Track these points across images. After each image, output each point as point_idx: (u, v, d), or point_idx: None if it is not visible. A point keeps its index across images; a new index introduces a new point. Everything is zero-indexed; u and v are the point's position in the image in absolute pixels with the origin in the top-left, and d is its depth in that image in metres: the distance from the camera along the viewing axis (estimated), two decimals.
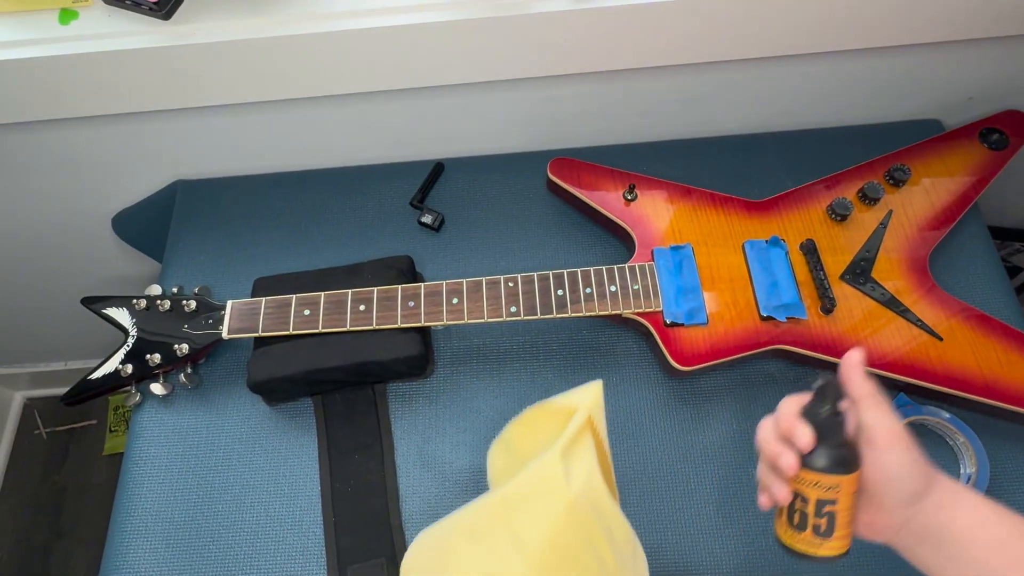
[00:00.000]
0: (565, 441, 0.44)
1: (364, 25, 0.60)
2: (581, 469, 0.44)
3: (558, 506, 0.43)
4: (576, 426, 0.45)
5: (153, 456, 0.64)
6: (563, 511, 0.43)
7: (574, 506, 0.43)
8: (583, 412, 0.46)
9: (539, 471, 0.44)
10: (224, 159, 0.78)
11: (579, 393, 0.48)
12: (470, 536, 0.47)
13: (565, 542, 0.43)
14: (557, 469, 0.43)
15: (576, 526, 0.43)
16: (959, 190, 0.70)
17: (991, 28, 0.67)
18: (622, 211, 0.69)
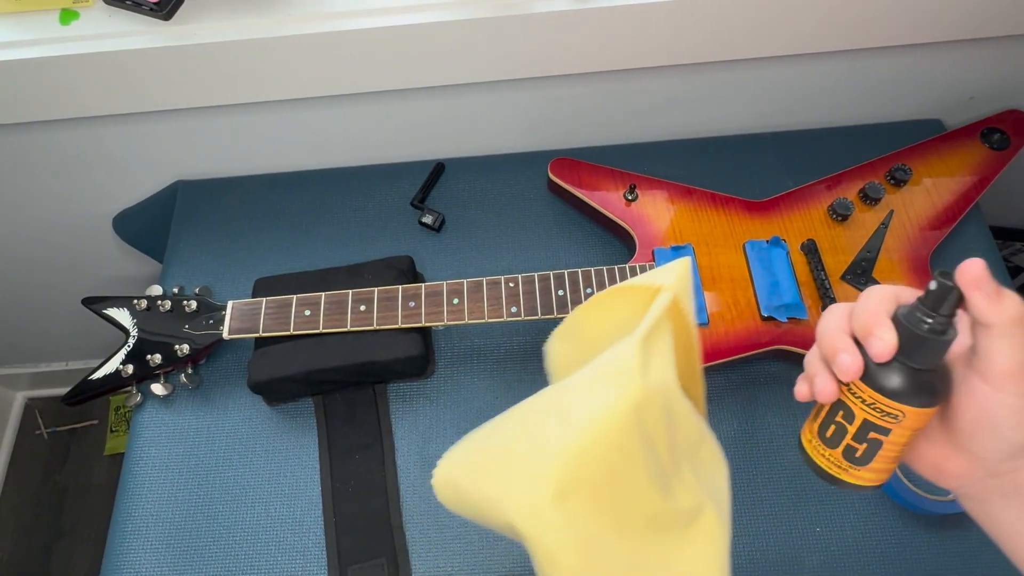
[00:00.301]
0: (647, 328, 0.38)
1: (365, 25, 0.60)
2: (659, 365, 0.38)
3: (625, 400, 0.36)
4: (661, 309, 0.38)
5: (154, 456, 0.64)
6: (629, 407, 0.36)
7: (642, 404, 0.37)
8: (668, 293, 0.39)
9: (613, 359, 0.38)
10: (225, 159, 0.78)
11: (664, 271, 0.41)
12: (520, 421, 0.41)
13: (620, 440, 0.37)
14: (634, 359, 0.37)
15: (638, 425, 0.37)
16: (960, 190, 0.70)
17: (992, 28, 0.67)
18: (623, 211, 0.69)
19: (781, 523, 0.60)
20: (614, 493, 0.38)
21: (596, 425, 0.37)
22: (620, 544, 0.38)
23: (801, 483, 0.61)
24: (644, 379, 0.37)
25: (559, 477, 0.36)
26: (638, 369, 0.37)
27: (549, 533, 0.36)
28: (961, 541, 0.59)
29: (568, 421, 0.37)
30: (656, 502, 0.39)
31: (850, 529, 0.59)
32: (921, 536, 0.59)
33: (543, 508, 0.36)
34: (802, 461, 0.38)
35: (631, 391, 0.37)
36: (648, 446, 0.38)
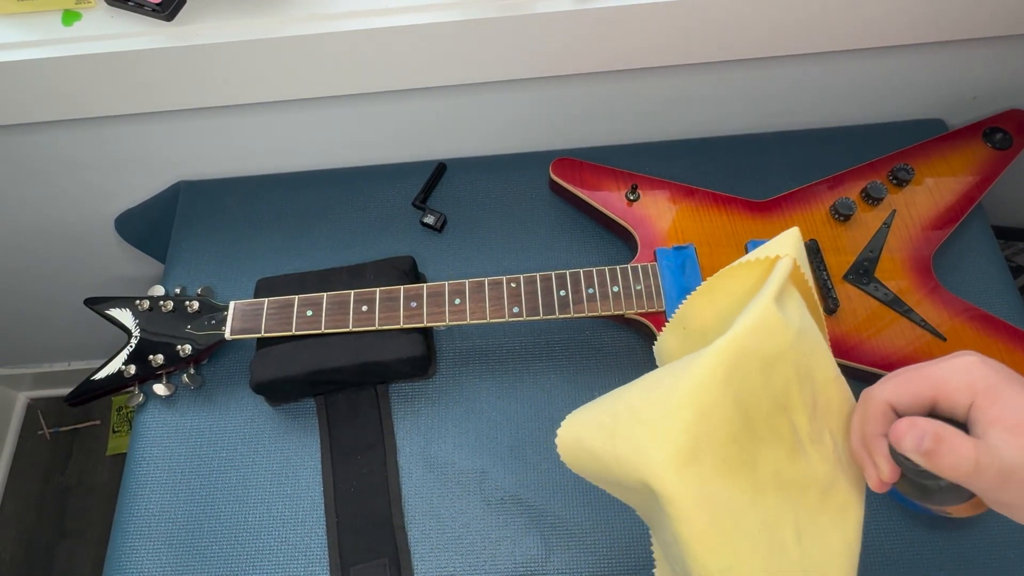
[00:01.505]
0: (774, 288, 0.37)
1: (367, 26, 0.60)
2: (791, 323, 0.37)
3: (775, 348, 0.36)
4: (784, 272, 0.37)
5: (156, 456, 0.64)
6: (779, 355, 0.35)
7: (780, 359, 0.36)
8: (788, 259, 0.38)
9: (751, 317, 0.37)
10: (227, 160, 0.79)
11: (778, 242, 0.40)
12: (645, 386, 0.40)
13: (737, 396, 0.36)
14: (772, 313, 0.36)
15: (773, 379, 0.36)
16: (963, 190, 0.70)
17: (995, 27, 0.67)
18: (624, 211, 0.69)
19: None
20: (743, 451, 0.37)
21: (712, 381, 0.36)
22: (753, 503, 0.37)
23: None
24: (787, 327, 0.35)
25: (687, 436, 0.36)
26: (780, 318, 0.35)
27: (683, 493, 0.36)
28: (966, 542, 0.59)
29: (692, 376, 0.37)
30: (786, 463, 0.38)
31: None
32: (925, 537, 0.59)
33: (676, 468, 0.36)
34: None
35: (779, 338, 0.35)
36: (777, 405, 0.37)
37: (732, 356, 0.37)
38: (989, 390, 0.32)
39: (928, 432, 0.31)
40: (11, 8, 0.61)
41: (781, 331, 0.36)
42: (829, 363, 0.38)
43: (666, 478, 0.36)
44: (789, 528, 0.37)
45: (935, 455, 0.31)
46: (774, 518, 0.37)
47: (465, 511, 0.61)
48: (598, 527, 0.60)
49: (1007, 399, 0.32)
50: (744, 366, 0.37)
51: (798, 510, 0.38)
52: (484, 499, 0.61)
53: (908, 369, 0.35)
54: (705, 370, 0.37)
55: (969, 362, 0.33)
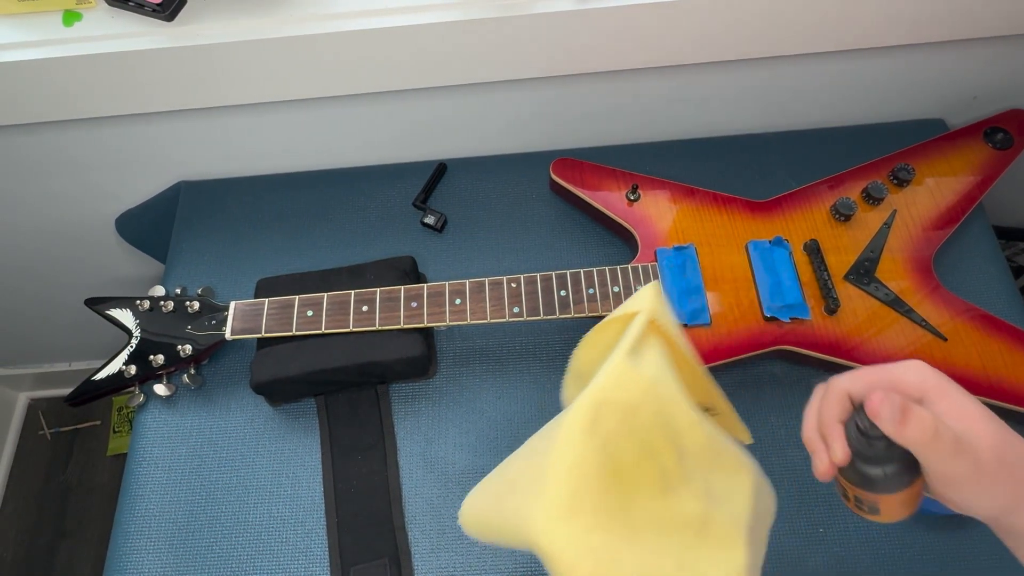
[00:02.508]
0: (628, 343, 0.40)
1: (367, 26, 0.60)
2: (647, 375, 0.40)
3: (632, 399, 0.39)
4: (638, 328, 0.41)
5: (156, 457, 0.64)
6: (620, 409, 0.38)
7: (635, 407, 0.39)
8: (644, 315, 0.41)
9: (604, 374, 0.40)
10: (227, 160, 0.79)
11: (636, 298, 0.43)
12: (529, 449, 0.44)
13: (606, 446, 0.39)
14: (624, 367, 0.39)
15: (634, 427, 0.39)
16: (963, 190, 0.70)
17: (995, 27, 0.67)
18: (625, 211, 0.69)
19: (784, 524, 0.60)
20: (616, 498, 0.40)
21: (577, 436, 0.39)
22: (631, 546, 0.39)
23: (804, 484, 0.61)
24: (638, 378, 0.39)
25: (562, 494, 0.39)
26: (630, 370, 0.39)
27: (566, 548, 0.38)
28: (964, 542, 0.59)
29: (559, 438, 0.40)
30: (659, 504, 0.40)
31: (853, 530, 0.59)
32: (924, 537, 0.59)
33: (555, 525, 0.38)
34: None
35: (630, 389, 0.39)
36: (644, 451, 0.40)
37: (592, 412, 0.40)
38: (938, 388, 0.37)
39: (898, 402, 0.35)
40: (12, 8, 0.61)
41: (635, 382, 0.40)
42: (688, 409, 0.41)
43: (547, 536, 0.38)
44: (671, 564, 0.39)
45: (904, 422, 0.34)
46: (654, 557, 0.39)
47: None
48: None
49: (952, 397, 0.36)
50: (605, 419, 0.40)
51: (677, 546, 0.40)
52: None
53: (866, 368, 0.39)
54: (570, 429, 0.40)
55: (921, 365, 0.38)
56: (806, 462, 0.62)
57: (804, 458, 0.62)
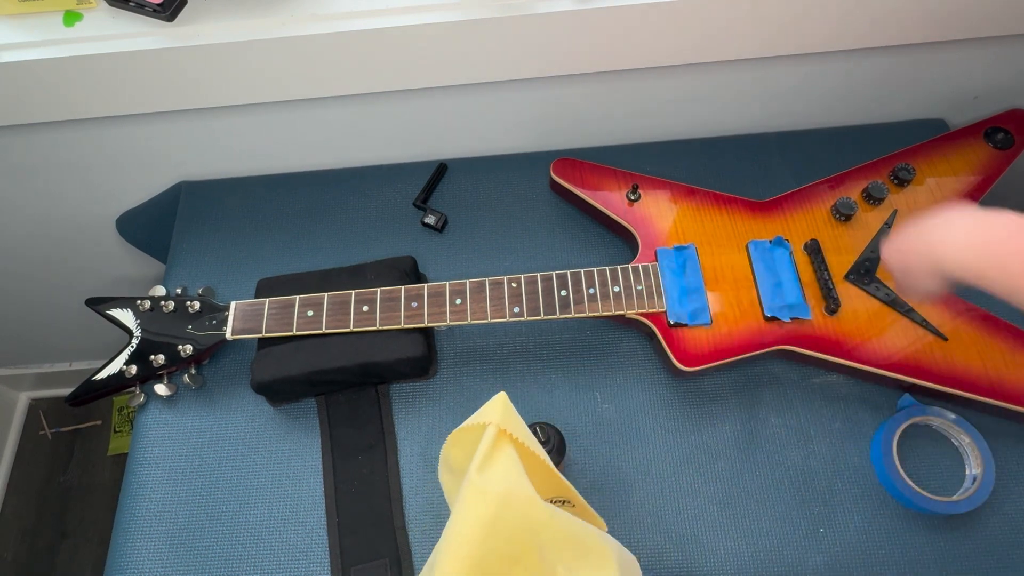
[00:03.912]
0: (479, 460, 0.44)
1: (368, 26, 0.60)
2: (500, 475, 0.43)
3: (488, 514, 0.42)
4: (488, 441, 0.44)
5: (157, 456, 0.64)
6: (481, 528, 0.42)
7: (493, 522, 0.42)
8: (492, 428, 0.45)
9: (461, 498, 0.44)
10: (228, 160, 0.79)
11: (486, 410, 0.47)
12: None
13: (488, 559, 0.42)
14: (473, 488, 0.42)
15: (497, 540, 0.42)
16: (964, 190, 0.70)
17: (996, 27, 0.67)
18: (625, 211, 0.69)
19: (784, 524, 0.60)
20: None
21: (449, 563, 0.42)
22: None
23: (804, 484, 0.61)
24: (484, 499, 0.42)
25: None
26: (478, 493, 0.42)
27: None
28: (965, 542, 0.59)
29: (436, 567, 0.42)
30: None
31: (853, 530, 0.59)
32: (925, 537, 0.59)
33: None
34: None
35: (479, 511, 0.42)
36: (511, 559, 0.42)
37: (460, 536, 0.42)
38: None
39: None
40: (13, 9, 0.61)
41: (484, 498, 0.42)
42: (542, 506, 0.43)
43: None
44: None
45: None
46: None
47: None
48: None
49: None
50: (472, 540, 0.42)
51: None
52: None
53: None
54: (444, 557, 0.42)
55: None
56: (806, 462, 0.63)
57: (804, 457, 0.63)
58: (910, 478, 0.59)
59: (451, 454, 0.51)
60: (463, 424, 0.48)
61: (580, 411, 0.64)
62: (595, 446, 0.63)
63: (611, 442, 0.63)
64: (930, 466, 0.61)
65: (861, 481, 0.61)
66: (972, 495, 0.58)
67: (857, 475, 0.61)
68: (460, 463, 0.49)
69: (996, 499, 0.59)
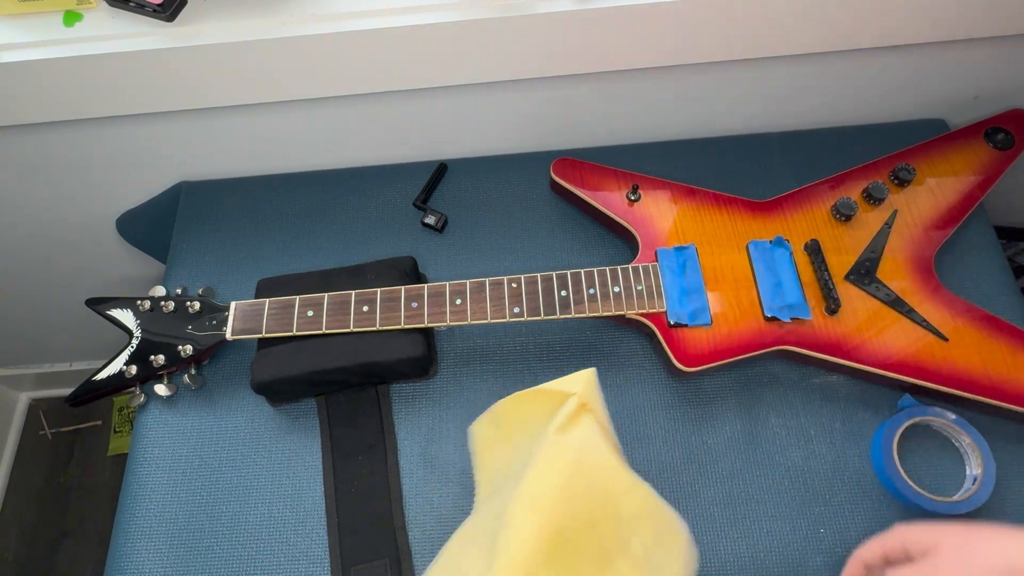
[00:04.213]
0: (559, 423, 0.43)
1: (368, 26, 0.60)
2: (578, 442, 0.42)
3: (556, 480, 0.41)
4: (569, 410, 0.43)
5: (157, 457, 0.64)
6: (560, 484, 0.41)
7: (570, 481, 0.41)
8: (576, 399, 0.44)
9: (543, 453, 0.42)
10: (228, 160, 0.79)
11: (572, 380, 0.46)
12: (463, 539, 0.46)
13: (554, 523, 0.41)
14: (554, 446, 0.41)
15: (572, 500, 0.41)
16: (964, 190, 0.70)
17: (997, 27, 0.67)
18: (625, 212, 0.69)
19: (785, 524, 0.60)
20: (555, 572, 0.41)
21: (520, 516, 0.41)
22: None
23: (805, 484, 0.61)
24: (561, 460, 0.41)
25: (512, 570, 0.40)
26: (559, 451, 0.41)
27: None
28: None
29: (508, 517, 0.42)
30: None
31: (854, 530, 0.59)
32: None
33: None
34: None
35: (558, 470, 0.41)
36: (584, 522, 0.42)
37: (541, 491, 0.42)
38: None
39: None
40: (13, 9, 0.61)
41: (564, 455, 0.42)
42: (623, 474, 0.43)
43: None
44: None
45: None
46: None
47: (466, 511, 0.61)
48: None
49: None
50: (550, 494, 0.42)
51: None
52: None
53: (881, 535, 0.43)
54: (515, 510, 0.42)
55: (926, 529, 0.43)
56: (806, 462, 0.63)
57: (804, 458, 0.62)
58: (910, 478, 0.59)
59: (511, 412, 0.49)
60: (540, 386, 0.47)
61: None
62: None
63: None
64: (930, 466, 0.61)
65: (861, 481, 0.61)
66: (973, 495, 0.58)
67: (857, 475, 0.61)
68: (520, 424, 0.47)
69: (997, 499, 0.59)
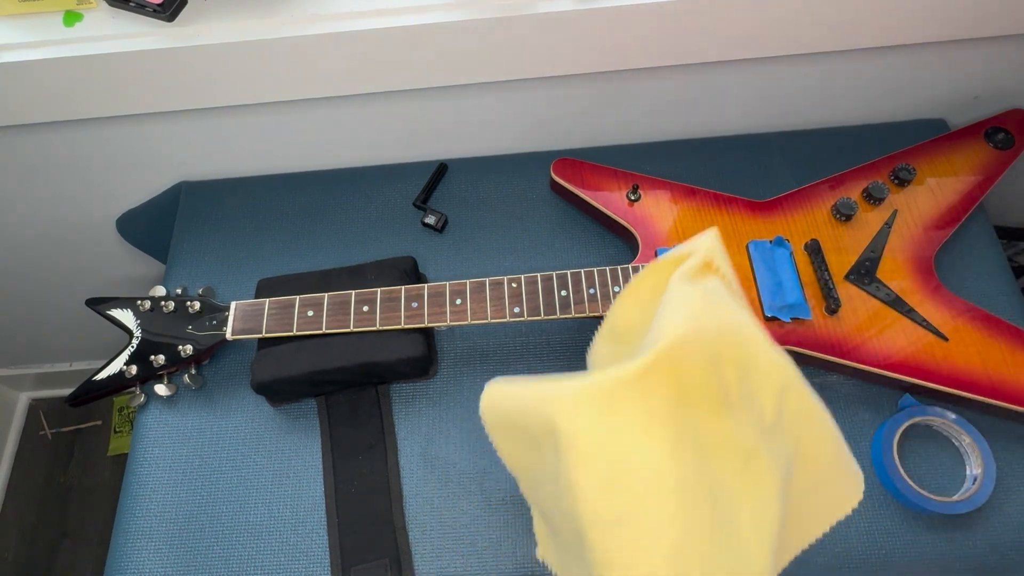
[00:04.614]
0: (682, 273, 0.38)
1: (368, 26, 0.60)
2: (708, 287, 0.38)
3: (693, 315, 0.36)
4: (693, 265, 0.39)
5: (157, 457, 0.64)
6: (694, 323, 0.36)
7: (700, 321, 0.37)
8: (700, 255, 0.40)
9: (672, 297, 0.38)
10: (228, 160, 0.79)
11: (690, 243, 0.42)
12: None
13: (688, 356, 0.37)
14: (687, 290, 0.37)
15: (702, 340, 0.37)
16: (965, 190, 0.70)
17: (997, 27, 0.67)
18: (625, 211, 0.69)
19: None
20: (673, 409, 0.37)
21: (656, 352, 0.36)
22: (672, 458, 0.37)
23: None
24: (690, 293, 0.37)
25: (603, 388, 0.37)
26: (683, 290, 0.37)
27: (587, 433, 0.36)
28: (966, 542, 0.59)
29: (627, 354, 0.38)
30: (715, 424, 0.38)
31: (854, 530, 0.59)
32: (925, 537, 0.59)
33: (586, 410, 0.36)
34: None
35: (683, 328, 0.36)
36: (712, 363, 0.37)
37: (668, 334, 0.37)
38: None
39: None
40: (13, 9, 0.61)
41: (695, 296, 0.38)
42: (757, 329, 0.39)
43: (574, 416, 0.36)
44: (704, 488, 0.37)
45: None
46: (692, 476, 0.37)
47: (466, 511, 0.61)
48: None
49: None
50: (675, 335, 0.37)
51: (717, 472, 0.38)
52: (485, 499, 0.61)
53: None
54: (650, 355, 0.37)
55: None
56: None
57: None
58: (910, 478, 0.59)
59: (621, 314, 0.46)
60: (652, 263, 0.43)
61: None
62: None
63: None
64: (930, 466, 0.61)
65: None
66: (973, 495, 0.58)
67: None
68: (635, 318, 0.44)
69: (997, 499, 0.59)
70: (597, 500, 0.36)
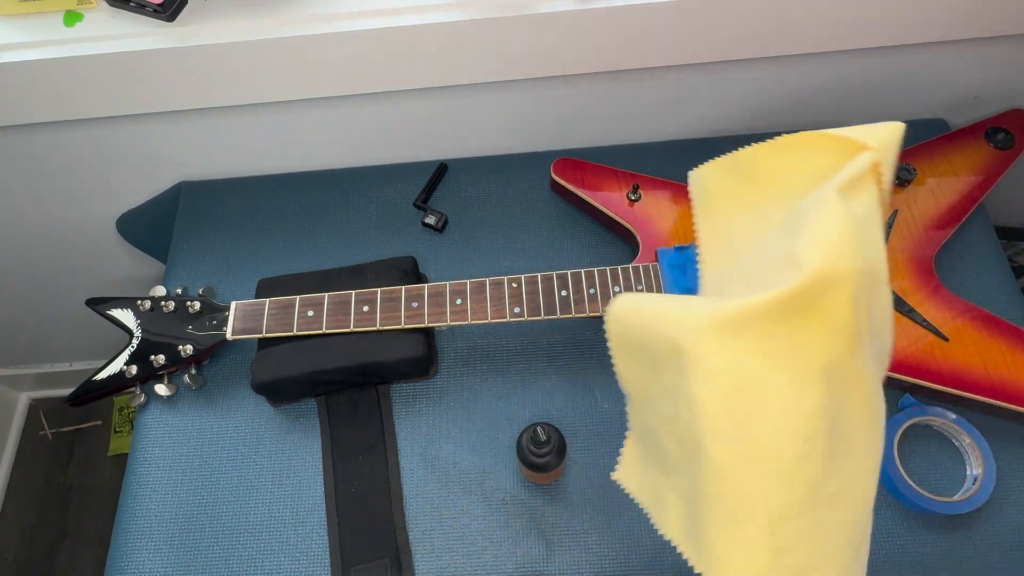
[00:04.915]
0: (844, 179, 0.36)
1: (368, 26, 0.60)
2: (862, 210, 0.36)
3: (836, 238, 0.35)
4: (860, 168, 0.37)
5: (157, 457, 0.64)
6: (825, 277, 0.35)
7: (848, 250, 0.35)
8: (871, 157, 0.37)
9: (823, 214, 0.36)
10: (228, 160, 0.79)
11: (870, 131, 0.39)
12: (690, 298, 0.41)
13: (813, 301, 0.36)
14: (841, 208, 0.35)
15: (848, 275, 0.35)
16: (965, 190, 0.70)
17: (997, 27, 0.67)
18: (626, 212, 0.69)
19: None
20: (793, 334, 0.37)
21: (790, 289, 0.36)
22: (792, 383, 0.37)
23: None
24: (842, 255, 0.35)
25: (733, 314, 0.36)
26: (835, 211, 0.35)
27: (714, 355, 0.36)
28: (966, 542, 0.59)
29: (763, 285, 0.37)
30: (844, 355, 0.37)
31: None
32: (925, 537, 0.59)
33: (715, 333, 0.37)
34: None
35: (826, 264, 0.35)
36: (854, 303, 0.37)
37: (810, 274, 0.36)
38: None
39: None
40: (13, 9, 0.61)
41: (845, 224, 0.36)
42: (886, 271, 0.38)
43: (700, 342, 0.36)
44: (824, 420, 0.37)
45: None
46: (812, 406, 0.37)
47: (466, 511, 0.61)
48: (599, 527, 0.60)
49: None
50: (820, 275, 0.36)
51: (843, 405, 0.38)
52: (485, 499, 0.61)
53: None
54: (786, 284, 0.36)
55: None
56: None
57: None
58: (911, 478, 0.59)
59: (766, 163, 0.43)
60: (822, 132, 0.40)
61: (580, 411, 0.64)
62: (595, 446, 0.63)
63: (611, 442, 0.63)
64: (931, 466, 0.61)
65: None
66: (973, 495, 0.58)
67: None
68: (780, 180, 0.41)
69: (997, 499, 0.59)
70: (718, 415, 0.37)
